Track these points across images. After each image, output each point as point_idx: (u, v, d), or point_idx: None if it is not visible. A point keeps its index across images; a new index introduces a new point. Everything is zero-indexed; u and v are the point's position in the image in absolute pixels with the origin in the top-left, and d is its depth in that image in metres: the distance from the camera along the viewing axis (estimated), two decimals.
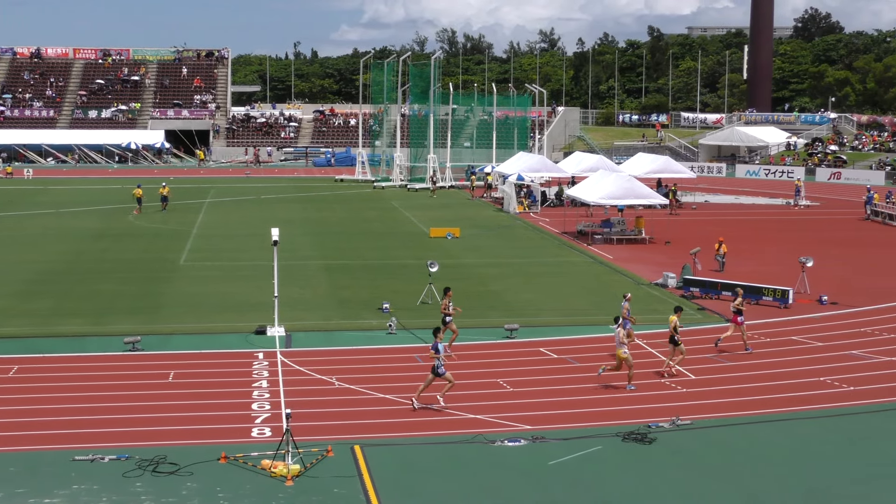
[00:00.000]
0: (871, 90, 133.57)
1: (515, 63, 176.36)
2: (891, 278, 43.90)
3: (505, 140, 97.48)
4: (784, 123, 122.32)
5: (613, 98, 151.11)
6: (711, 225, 61.83)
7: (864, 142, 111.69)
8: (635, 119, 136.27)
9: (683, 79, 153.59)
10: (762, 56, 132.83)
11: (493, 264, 46.78)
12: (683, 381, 27.13)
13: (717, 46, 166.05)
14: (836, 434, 23.13)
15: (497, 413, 24.17)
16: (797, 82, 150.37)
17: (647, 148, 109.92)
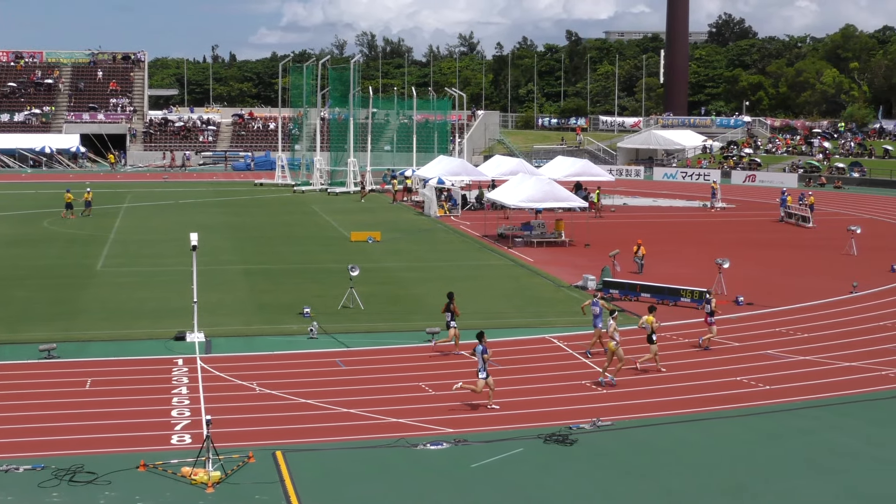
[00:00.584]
0: (784, 94, 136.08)
1: (435, 67, 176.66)
2: (804, 278, 44.74)
3: (425, 144, 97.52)
4: (700, 127, 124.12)
5: (533, 102, 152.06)
6: (630, 227, 62.49)
7: (777, 145, 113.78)
8: (554, 122, 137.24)
9: (601, 83, 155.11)
10: (678, 60, 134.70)
11: (414, 268, 46.78)
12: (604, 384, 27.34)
13: (634, 51, 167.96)
14: (752, 432, 23.49)
15: (419, 416, 24.16)
16: (712, 86, 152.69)
17: (567, 151, 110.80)
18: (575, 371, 28.63)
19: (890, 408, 25.45)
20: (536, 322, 35.08)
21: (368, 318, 35.29)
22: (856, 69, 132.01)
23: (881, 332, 34.13)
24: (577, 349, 30.99)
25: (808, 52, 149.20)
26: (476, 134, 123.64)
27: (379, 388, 26.51)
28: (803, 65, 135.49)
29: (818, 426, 23.97)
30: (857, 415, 24.87)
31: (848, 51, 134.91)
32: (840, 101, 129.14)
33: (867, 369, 29.04)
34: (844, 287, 41.81)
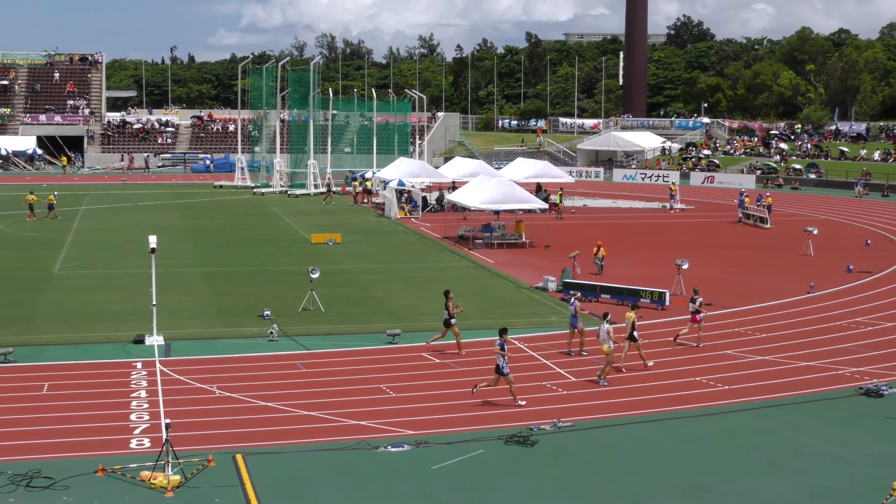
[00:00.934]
0: (742, 96, 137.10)
1: (395, 69, 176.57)
2: (762, 279, 45.07)
3: (385, 145, 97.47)
4: (659, 128, 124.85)
5: (493, 103, 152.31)
6: (590, 229, 62.71)
7: (735, 146, 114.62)
8: (514, 124, 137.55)
9: (561, 84, 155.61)
10: (637, 62, 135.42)
11: (375, 270, 46.71)
12: (565, 384, 27.41)
13: (593, 53, 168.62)
14: (713, 432, 23.61)
15: (380, 419, 24.10)
16: (671, 88, 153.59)
17: (527, 153, 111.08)
18: (536, 372, 28.66)
19: (847, 406, 25.67)
20: (497, 324, 35.04)
21: (329, 321, 35.18)
22: (812, 71, 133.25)
23: (838, 331, 34.44)
24: (538, 350, 31.04)
25: (765, 55, 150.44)
26: (436, 136, 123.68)
27: (339, 391, 26.42)
28: (760, 67, 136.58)
29: (777, 425, 24.13)
30: (816, 414, 25.07)
31: (804, 53, 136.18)
32: (797, 103, 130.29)
33: (825, 368, 29.28)
34: (802, 287, 42.17)
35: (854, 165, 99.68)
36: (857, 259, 49.69)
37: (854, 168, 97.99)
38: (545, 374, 28.49)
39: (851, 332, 34.41)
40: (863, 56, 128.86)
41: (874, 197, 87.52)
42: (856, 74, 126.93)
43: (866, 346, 31.98)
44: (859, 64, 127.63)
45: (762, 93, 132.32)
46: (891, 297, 40.98)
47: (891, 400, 25.89)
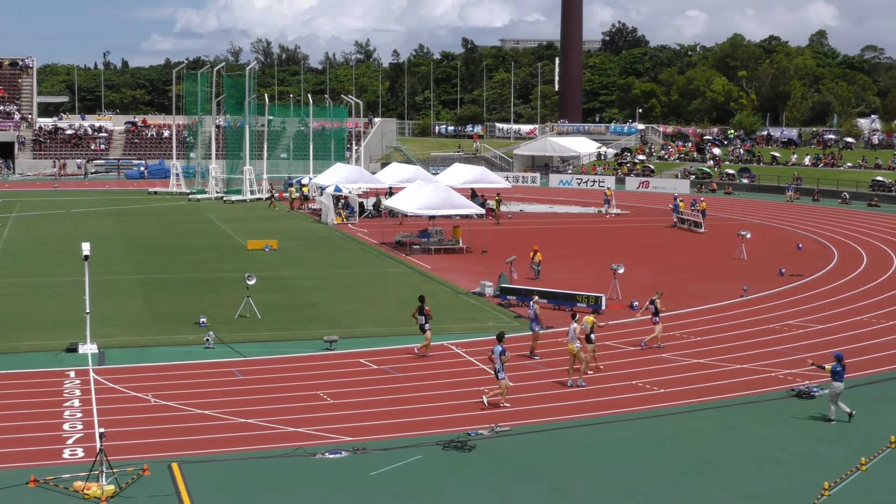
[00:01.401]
0: (676, 102, 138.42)
1: (332, 74, 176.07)
2: (697, 283, 45.53)
3: (322, 151, 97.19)
4: (595, 134, 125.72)
5: (429, 109, 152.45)
6: (526, 234, 62.97)
7: (669, 151, 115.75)
8: (451, 130, 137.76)
9: (497, 90, 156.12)
10: (572, 68, 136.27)
11: (312, 276, 46.54)
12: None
13: (529, 58, 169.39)
14: (649, 435, 23.80)
15: (317, 425, 24.00)
16: (606, 94, 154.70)
17: (464, 158, 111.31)
18: (473, 377, 28.70)
19: (780, 408, 26.00)
20: (435, 329, 35.03)
21: (266, 327, 34.98)
22: (744, 77, 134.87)
23: (771, 334, 34.89)
24: (476, 356, 31.09)
25: (698, 61, 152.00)
26: (373, 141, 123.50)
27: (276, 398, 26.28)
28: (694, 73, 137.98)
29: (712, 428, 24.38)
30: (750, 416, 25.36)
31: (736, 59, 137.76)
32: (729, 109, 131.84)
33: (758, 371, 29.65)
34: (735, 291, 42.67)
35: (785, 170, 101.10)
36: (789, 263, 50.39)
37: (785, 173, 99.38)
38: (482, 379, 28.52)
39: (783, 334, 34.88)
40: (793, 63, 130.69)
41: (805, 201, 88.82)
42: (786, 81, 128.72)
43: (798, 349, 32.43)
44: (789, 70, 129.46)
45: (696, 98, 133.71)
46: (821, 300, 41.60)
47: (822, 401, 26.26)
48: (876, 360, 31.19)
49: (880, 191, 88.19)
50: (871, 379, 29.10)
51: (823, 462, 21.87)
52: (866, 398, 27.04)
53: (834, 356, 25.65)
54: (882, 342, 33.71)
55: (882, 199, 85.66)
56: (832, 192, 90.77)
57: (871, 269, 49.83)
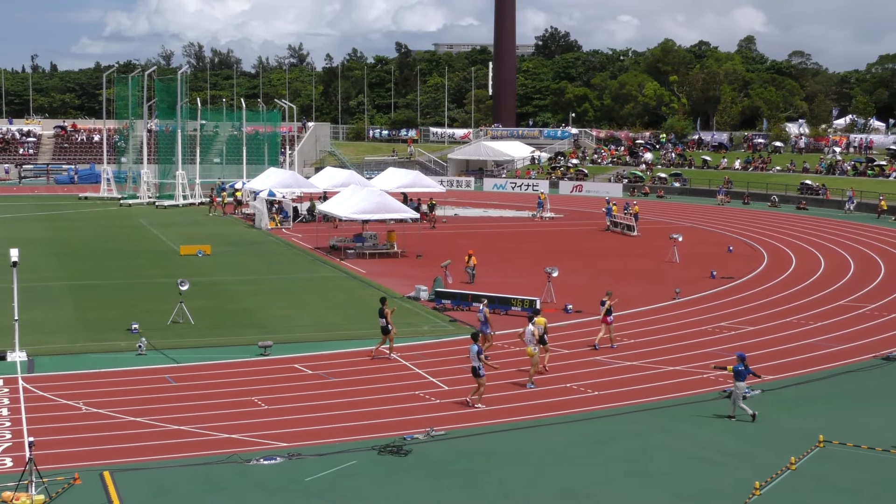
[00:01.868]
0: (608, 106, 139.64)
1: (264, 78, 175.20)
2: (630, 286, 45.89)
3: (255, 156, 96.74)
4: (528, 138, 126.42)
5: (363, 113, 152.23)
6: (461, 238, 63.10)
7: (602, 155, 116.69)
8: (385, 134, 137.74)
9: (431, 94, 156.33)
10: (506, 73, 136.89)
11: (246, 281, 46.25)
12: (438, 393, 27.49)
13: (463, 63, 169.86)
14: (583, 438, 23.93)
15: (252, 431, 23.83)
16: (540, 98, 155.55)
17: (398, 163, 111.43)
18: (409, 381, 28.69)
19: (712, 409, 26.27)
20: (369, 333, 35.02)
21: (199, 333, 34.68)
22: (675, 82, 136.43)
23: (703, 336, 35.28)
24: (411, 360, 31.08)
25: (630, 66, 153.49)
26: (307, 146, 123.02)
27: (210, 404, 26.06)
28: (626, 78, 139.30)
29: (646, 430, 24.58)
30: (682, 417, 25.61)
31: (667, 64, 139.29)
32: (661, 113, 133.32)
33: (690, 373, 29.96)
34: (668, 293, 43.10)
35: (716, 174, 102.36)
36: (720, 265, 51.00)
37: (716, 176, 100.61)
38: (418, 383, 28.53)
39: (715, 336, 35.29)
40: (723, 68, 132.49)
41: (735, 204, 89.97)
42: (716, 86, 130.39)
43: (730, 350, 32.79)
44: (719, 75, 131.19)
45: (628, 103, 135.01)
46: (752, 301, 42.16)
47: (753, 402, 26.60)
48: (805, 361, 31.67)
49: (808, 194, 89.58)
50: (800, 379, 29.54)
51: (754, 462, 22.14)
52: (796, 398, 27.46)
53: (736, 356, 26.13)
54: (811, 343, 34.23)
55: (810, 202, 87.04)
56: (762, 195, 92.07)
57: (800, 272, 50.61)
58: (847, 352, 33.02)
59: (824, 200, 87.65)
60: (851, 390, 28.58)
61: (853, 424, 24.95)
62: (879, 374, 30.47)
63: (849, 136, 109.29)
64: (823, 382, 29.35)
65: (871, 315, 39.32)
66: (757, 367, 30.61)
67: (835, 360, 31.81)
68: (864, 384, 29.24)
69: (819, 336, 35.37)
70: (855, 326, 37.09)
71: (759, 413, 25.49)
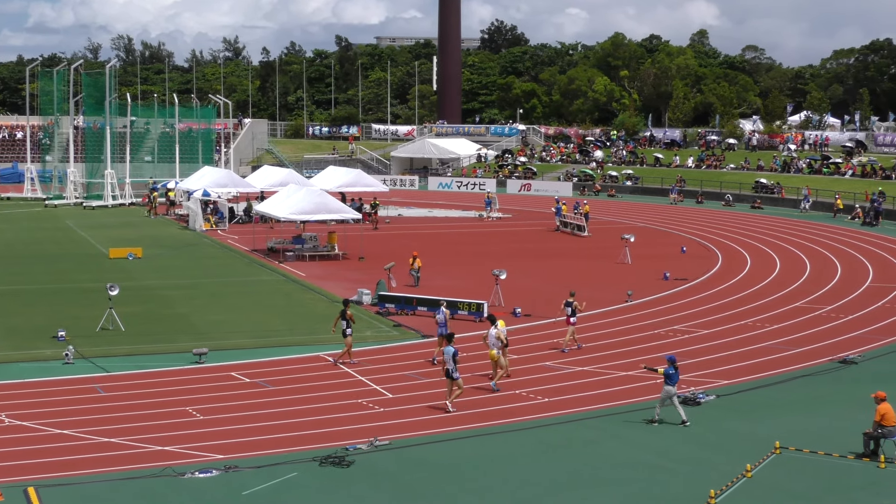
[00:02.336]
0: (557, 102, 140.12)
1: (198, 72, 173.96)
2: (581, 288, 45.97)
3: (189, 154, 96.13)
4: (474, 135, 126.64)
5: (302, 109, 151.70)
6: (405, 239, 63.07)
7: (551, 153, 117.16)
8: (325, 131, 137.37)
9: (373, 90, 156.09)
10: (451, 67, 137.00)
11: (179, 285, 45.93)
12: (382, 401, 27.43)
13: (406, 57, 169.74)
14: (535, 446, 23.97)
15: (187, 443, 23.63)
16: (486, 94, 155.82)
17: (339, 161, 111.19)
18: (351, 389, 28.60)
19: (665, 415, 26.38)
20: (310, 339, 34.94)
21: (130, 340, 34.37)
22: (626, 77, 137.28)
23: (656, 340, 35.52)
24: (352, 367, 30.99)
25: (579, 60, 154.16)
26: (243, 143, 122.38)
27: (142, 415, 25.80)
28: (575, 72, 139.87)
29: (598, 436, 24.69)
30: (636, 423, 25.74)
31: (618, 59, 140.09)
32: (612, 109, 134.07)
33: (643, 378, 30.09)
34: (620, 296, 43.37)
35: (669, 172, 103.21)
36: (673, 266, 51.39)
37: (669, 175, 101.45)
38: (361, 391, 28.46)
39: (669, 339, 35.54)
40: (675, 62, 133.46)
41: (689, 203, 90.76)
42: (668, 81, 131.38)
43: (683, 354, 33.03)
44: (671, 70, 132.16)
45: (577, 98, 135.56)
46: (706, 304, 42.52)
47: (707, 408, 26.81)
48: (761, 365, 31.99)
49: (763, 193, 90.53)
50: (756, 384, 29.82)
51: (709, 469, 22.31)
52: (751, 403, 27.71)
53: (666, 359, 26.40)
54: (766, 346, 34.58)
55: (765, 201, 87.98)
56: (716, 193, 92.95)
57: (755, 273, 51.13)
58: (803, 355, 33.41)
59: (779, 199, 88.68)
60: (808, 394, 28.91)
61: (810, 430, 25.24)
62: (836, 377, 30.86)
63: (804, 133, 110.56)
64: (779, 387, 29.66)
65: (827, 317, 39.82)
66: (711, 371, 30.92)
67: (791, 364, 32.16)
68: (821, 388, 29.60)
69: (775, 339, 35.75)
70: (811, 329, 37.54)
71: (714, 418, 25.70)
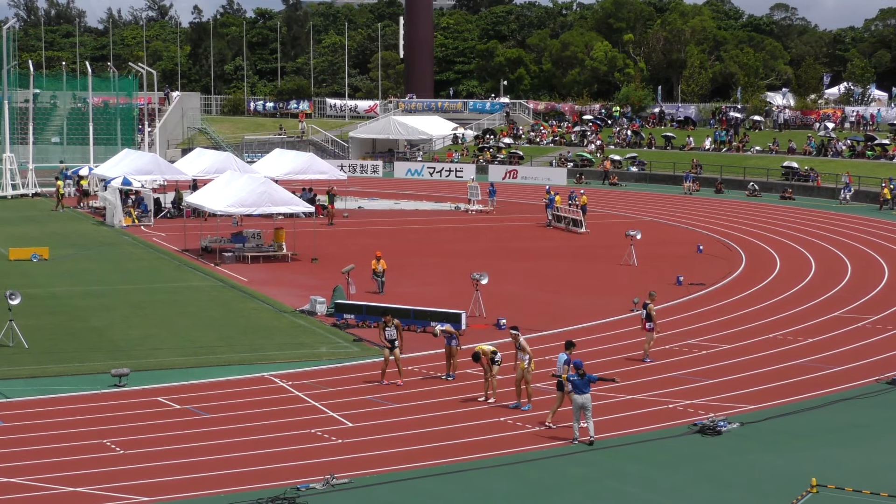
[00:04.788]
0: (548, 72, 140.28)
1: (116, 36, 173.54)
2: (577, 295, 46.18)
3: (105, 134, 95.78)
4: (450, 112, 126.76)
5: (242, 81, 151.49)
6: (367, 236, 63.05)
7: (542, 133, 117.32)
8: (270, 107, 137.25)
9: (328, 57, 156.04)
10: (421, 31, 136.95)
11: (94, 293, 45.81)
12: (340, 431, 27.41)
13: (367, 18, 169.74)
14: (519, 484, 23.93)
15: (103, 483, 23.56)
16: (463, 62, 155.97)
17: (287, 143, 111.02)
18: (303, 417, 28.57)
19: (679, 447, 26.42)
20: (253, 357, 34.88)
21: (34, 360, 34.25)
22: (630, 42, 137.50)
23: (667, 356, 35.57)
24: (305, 390, 30.96)
25: (574, 22, 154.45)
26: (171, 121, 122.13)
27: (48, 449, 25.71)
28: (569, 36, 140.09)
29: (597, 474, 24.65)
30: (642, 457, 25.72)
31: (621, 20, 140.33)
32: (613, 81, 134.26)
33: (652, 402, 30.16)
34: (624, 305, 43.44)
35: (682, 156, 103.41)
36: (688, 269, 51.52)
37: (682, 159, 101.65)
38: (314, 419, 28.44)
39: (683, 356, 35.62)
40: (689, 25, 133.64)
41: (706, 193, 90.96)
42: (681, 47, 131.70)
43: (700, 374, 33.15)
44: (685, 34, 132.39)
45: (573, 68, 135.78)
46: (727, 313, 42.61)
47: (729, 438, 26.89)
48: (792, 386, 32.05)
49: (795, 180, 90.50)
50: (786, 409, 29.84)
51: None
52: (781, 432, 27.76)
53: (573, 364, 26.67)
54: (799, 364, 34.65)
55: (797, 191, 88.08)
56: (738, 181, 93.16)
57: (786, 276, 51.28)
58: (844, 374, 33.50)
59: (814, 188, 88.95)
60: (850, 422, 28.96)
61: (853, 464, 25.29)
62: (882, 401, 30.94)
63: (844, 109, 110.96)
64: (815, 413, 29.73)
65: (872, 329, 39.95)
66: (734, 394, 30.97)
67: (829, 385, 32.24)
68: (864, 414, 29.66)
69: (810, 356, 35.84)
70: (853, 343, 37.63)
71: (737, 450, 25.77)
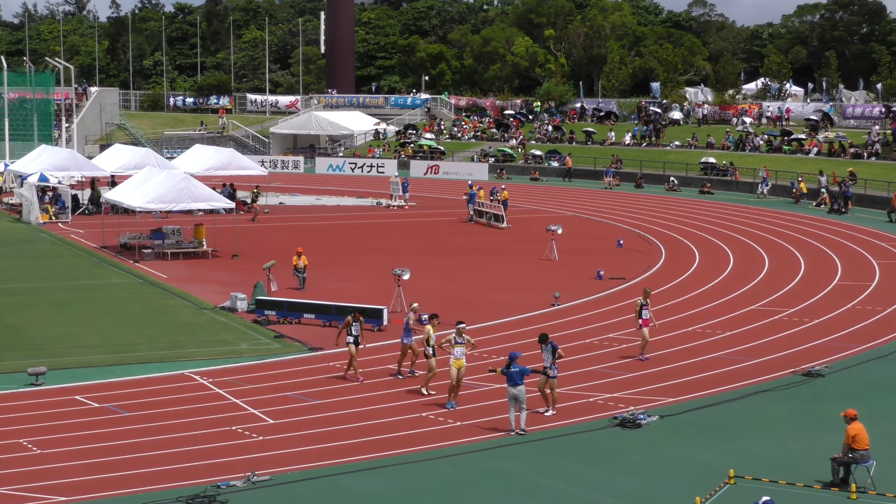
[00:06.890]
0: (470, 67, 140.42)
1: (32, 30, 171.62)
2: (498, 290, 46.32)
3: (21, 130, 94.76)
4: (371, 107, 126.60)
5: (161, 76, 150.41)
6: (288, 232, 62.87)
7: (463, 128, 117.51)
8: (190, 102, 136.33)
9: (249, 53, 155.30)
10: (342, 26, 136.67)
11: (10, 291, 45.42)
12: (260, 428, 27.34)
13: (288, 13, 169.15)
14: (439, 480, 24.01)
15: (20, 483, 23.35)
16: (385, 57, 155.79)
17: (207, 139, 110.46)
18: (223, 415, 28.46)
19: (600, 441, 26.62)
20: (173, 355, 34.72)
21: None
22: (551, 38, 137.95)
23: (588, 350, 35.78)
24: (225, 387, 30.86)
25: (496, 17, 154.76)
26: (89, 117, 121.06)
27: None
28: (491, 32, 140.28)
29: (518, 468, 24.76)
30: (564, 451, 25.89)
31: (542, 16, 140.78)
32: (535, 76, 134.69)
33: (573, 396, 30.35)
34: (545, 299, 43.62)
35: (603, 151, 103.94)
36: (609, 263, 51.81)
37: (603, 154, 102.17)
38: (235, 416, 28.34)
39: (603, 350, 35.85)
40: (609, 20, 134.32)
41: (626, 188, 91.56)
42: (602, 42, 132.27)
43: (620, 367, 33.38)
44: (605, 30, 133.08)
45: (494, 63, 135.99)
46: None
47: (649, 430, 27.11)
48: (710, 379, 32.37)
49: (713, 175, 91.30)
50: (705, 402, 30.14)
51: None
52: (700, 425, 28.05)
53: (509, 356, 26.98)
54: (717, 357, 35.00)
55: (715, 185, 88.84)
56: (658, 176, 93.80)
57: (705, 270, 51.74)
58: (761, 367, 33.88)
59: (732, 182, 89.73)
60: (767, 414, 29.31)
61: (769, 455, 25.60)
62: (799, 393, 31.34)
63: (761, 105, 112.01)
64: (733, 405, 30.04)
65: (789, 322, 40.44)
66: (653, 387, 31.24)
67: (746, 378, 32.60)
68: (782, 406, 30.00)
69: (728, 349, 36.21)
70: (770, 336, 38.08)
71: (657, 443, 25.98)
